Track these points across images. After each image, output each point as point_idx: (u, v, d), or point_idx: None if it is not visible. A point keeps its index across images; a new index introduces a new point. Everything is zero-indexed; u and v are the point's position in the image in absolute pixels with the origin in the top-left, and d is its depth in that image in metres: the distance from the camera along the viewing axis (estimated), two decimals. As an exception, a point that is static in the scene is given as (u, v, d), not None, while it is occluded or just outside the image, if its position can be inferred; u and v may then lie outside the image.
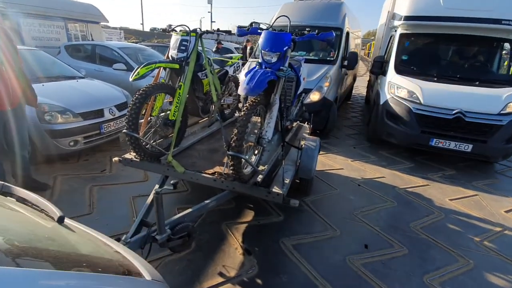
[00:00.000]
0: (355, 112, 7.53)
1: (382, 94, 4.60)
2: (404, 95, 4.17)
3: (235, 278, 2.03)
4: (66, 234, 0.69)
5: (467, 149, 3.83)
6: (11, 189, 0.88)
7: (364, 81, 12.75)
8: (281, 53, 2.15)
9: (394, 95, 4.28)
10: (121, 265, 0.71)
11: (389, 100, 4.34)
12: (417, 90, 4.07)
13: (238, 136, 1.87)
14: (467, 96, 3.92)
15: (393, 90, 4.33)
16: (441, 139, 3.92)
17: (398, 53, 4.75)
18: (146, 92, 2.18)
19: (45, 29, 8.07)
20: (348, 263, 2.24)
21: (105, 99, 4.02)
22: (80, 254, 0.67)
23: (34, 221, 0.69)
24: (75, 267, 0.58)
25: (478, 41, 4.55)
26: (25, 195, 0.84)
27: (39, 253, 0.55)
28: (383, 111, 4.39)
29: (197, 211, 2.08)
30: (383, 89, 4.61)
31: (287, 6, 6.34)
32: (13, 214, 0.70)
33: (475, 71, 4.63)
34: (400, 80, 4.36)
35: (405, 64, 4.70)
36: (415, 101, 4.03)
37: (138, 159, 2.43)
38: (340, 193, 3.32)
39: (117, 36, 12.79)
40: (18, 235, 0.62)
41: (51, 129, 3.32)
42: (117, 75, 5.78)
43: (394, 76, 4.50)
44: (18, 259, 0.55)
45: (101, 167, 3.66)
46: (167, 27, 2.72)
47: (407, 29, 4.84)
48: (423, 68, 4.64)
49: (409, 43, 4.91)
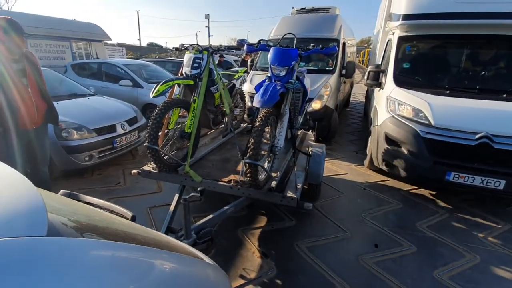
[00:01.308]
0: (354, 118, 7.73)
1: (379, 112, 3.72)
2: (408, 114, 3.27)
3: (256, 280, 2.13)
4: (141, 227, 0.83)
5: (499, 186, 2.86)
6: (78, 196, 1.01)
7: (361, 88, 13.06)
8: (289, 67, 2.33)
9: (395, 114, 3.39)
10: (189, 251, 0.85)
11: (388, 120, 3.44)
12: (424, 107, 3.16)
13: (255, 145, 2.02)
14: (494, 114, 2.97)
15: (394, 108, 3.45)
16: (462, 172, 2.93)
17: (397, 60, 3.90)
18: (165, 107, 2.35)
19: (51, 49, 8.34)
20: (361, 262, 2.36)
21: (117, 114, 4.19)
22: (158, 239, 0.80)
23: (112, 216, 0.83)
24: (157, 247, 0.72)
25: (500, 41, 3.54)
26: (93, 200, 0.97)
27: (125, 235, 0.68)
28: (382, 134, 3.49)
29: (217, 217, 2.21)
30: (380, 106, 3.75)
31: (285, 20, 6.62)
32: (92, 209, 0.83)
33: (499, 80, 3.57)
34: (402, 95, 3.47)
35: (407, 74, 3.86)
36: (423, 122, 3.11)
37: (157, 171, 2.56)
38: (347, 197, 3.45)
39: (119, 53, 13.12)
40: (100, 221, 0.75)
41: (68, 145, 3.47)
42: (123, 91, 5.99)
43: (393, 90, 3.62)
44: (105, 238, 0.68)
45: (115, 180, 3.78)
46: (180, 46, 2.91)
47: (407, 31, 3.93)
48: (430, 79, 3.76)
49: (411, 48, 4.05)
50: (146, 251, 0.66)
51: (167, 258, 0.71)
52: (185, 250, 0.84)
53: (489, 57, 3.75)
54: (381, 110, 3.71)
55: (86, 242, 0.56)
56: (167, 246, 0.77)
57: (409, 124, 3.21)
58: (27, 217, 0.49)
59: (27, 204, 0.52)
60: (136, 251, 0.63)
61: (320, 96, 5.01)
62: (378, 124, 3.67)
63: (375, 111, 4.04)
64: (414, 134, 3.14)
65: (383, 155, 3.52)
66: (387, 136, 3.44)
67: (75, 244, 0.53)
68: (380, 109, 3.74)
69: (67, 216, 0.65)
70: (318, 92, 5.00)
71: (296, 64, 2.40)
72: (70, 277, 0.46)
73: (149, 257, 0.66)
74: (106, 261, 0.56)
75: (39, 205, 0.51)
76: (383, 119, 3.54)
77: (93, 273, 0.51)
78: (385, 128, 3.46)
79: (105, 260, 0.56)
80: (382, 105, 3.69)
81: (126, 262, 0.59)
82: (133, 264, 0.61)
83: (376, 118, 3.81)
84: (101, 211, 0.84)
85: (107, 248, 0.58)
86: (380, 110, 3.76)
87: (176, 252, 0.77)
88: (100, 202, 0.96)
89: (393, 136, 3.35)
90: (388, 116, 3.48)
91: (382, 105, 3.69)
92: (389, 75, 3.88)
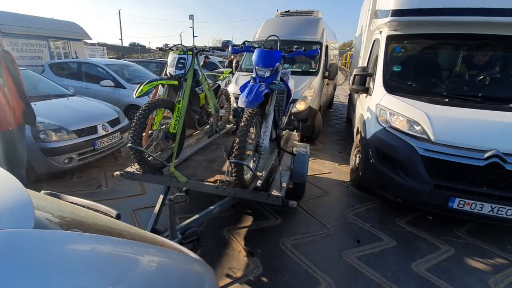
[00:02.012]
0: (337, 119, 7.93)
1: (368, 123, 3.20)
2: (402, 126, 2.78)
3: (242, 278, 2.15)
4: (126, 225, 0.83)
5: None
6: (60, 196, 1.00)
7: (343, 90, 13.42)
8: (273, 69, 2.38)
9: (388, 126, 2.90)
10: (173, 246, 0.86)
11: (380, 133, 2.93)
12: (422, 118, 2.69)
13: (240, 144, 2.05)
14: (505, 128, 2.52)
15: (385, 118, 2.96)
16: (468, 198, 2.46)
17: (387, 63, 3.40)
18: (149, 107, 2.33)
19: (28, 48, 7.99)
20: (344, 257, 2.44)
21: (98, 115, 4.08)
22: (143, 235, 0.81)
23: (97, 214, 0.82)
24: (142, 242, 0.73)
25: (505, 42, 3.08)
26: (75, 200, 0.96)
27: (111, 231, 0.69)
28: (373, 150, 2.98)
29: (203, 217, 2.21)
30: (369, 116, 3.25)
31: (270, 22, 6.71)
32: (77, 207, 0.83)
33: (506, 86, 3.13)
34: (394, 103, 2.98)
35: (399, 79, 3.34)
36: (421, 137, 2.64)
37: (141, 172, 2.53)
38: (330, 195, 3.54)
39: (100, 53, 12.75)
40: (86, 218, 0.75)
41: (46, 147, 3.35)
42: (104, 91, 5.83)
43: (384, 97, 3.12)
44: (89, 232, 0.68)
45: (97, 183, 3.68)
46: (164, 46, 2.90)
47: (397, 29, 3.45)
48: (426, 84, 3.24)
49: (401, 49, 3.58)
50: (132, 245, 0.67)
51: (154, 252, 0.73)
52: (171, 246, 0.86)
53: (492, 60, 3.24)
54: (370, 120, 3.19)
55: (73, 235, 0.57)
56: (153, 241, 0.79)
57: (405, 139, 2.72)
58: (14, 210, 0.49)
59: (14, 199, 0.52)
60: (122, 244, 0.64)
61: (304, 97, 5.11)
62: (367, 136, 3.10)
63: (363, 121, 3.40)
64: (410, 151, 2.64)
65: (374, 175, 3.00)
66: (379, 152, 2.91)
67: (62, 236, 0.53)
68: (369, 119, 3.21)
69: (52, 212, 0.65)
70: (302, 93, 5.10)
71: (280, 66, 2.46)
72: (58, 268, 0.47)
73: (136, 251, 0.67)
74: (93, 254, 0.57)
75: (25, 200, 0.52)
76: (373, 132, 3.02)
77: (80, 265, 0.52)
78: (377, 143, 2.93)
79: (92, 253, 0.57)
80: (371, 115, 3.19)
81: (113, 255, 0.60)
82: (120, 257, 0.62)
83: (364, 129, 3.24)
84: (85, 209, 0.84)
85: (94, 241, 0.59)
86: (369, 120, 3.21)
87: (162, 247, 0.78)
88: (83, 201, 0.96)
89: (386, 152, 2.84)
90: (379, 128, 2.97)
91: (371, 115, 3.19)
92: (378, 80, 3.36)
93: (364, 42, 5.14)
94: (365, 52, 4.93)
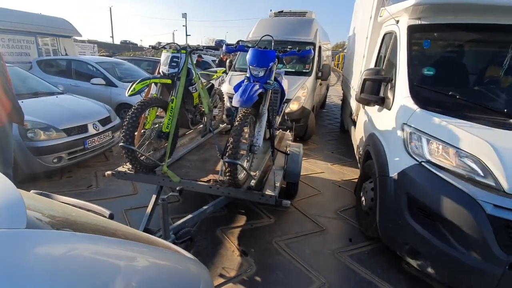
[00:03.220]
0: (330, 119, 8.01)
1: (390, 151, 2.25)
2: (451, 163, 1.84)
3: (235, 278, 2.15)
4: (120, 224, 0.82)
5: None
6: (51, 196, 0.98)
7: (336, 90, 13.54)
8: (267, 68, 2.39)
9: (424, 161, 1.95)
10: (168, 246, 0.85)
11: (412, 171, 1.98)
12: (484, 152, 1.73)
13: (234, 144, 2.05)
14: None
15: (419, 147, 2.00)
16: None
17: (412, 64, 2.41)
18: (142, 106, 2.30)
19: (15, 44, 7.77)
20: (336, 256, 2.46)
21: (88, 114, 4.01)
22: (138, 235, 0.80)
23: (89, 213, 0.81)
24: (136, 241, 0.72)
25: None
26: (66, 200, 0.94)
27: (105, 230, 0.68)
28: (401, 196, 2.00)
29: (197, 217, 2.20)
30: (390, 140, 2.30)
31: (263, 22, 6.72)
32: (69, 207, 0.81)
33: None
34: (433, 124, 2.01)
35: (434, 86, 2.34)
36: (485, 183, 1.69)
37: (133, 171, 2.50)
38: (323, 194, 3.58)
39: (90, 50, 12.49)
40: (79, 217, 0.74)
41: (34, 146, 3.26)
42: (95, 90, 5.73)
43: (415, 114, 2.14)
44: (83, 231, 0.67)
45: (87, 183, 3.61)
46: (157, 44, 2.87)
47: (422, 17, 2.49)
48: (479, 95, 2.34)
49: (431, 44, 2.53)
50: (127, 245, 0.66)
51: (148, 252, 0.72)
52: (166, 245, 0.85)
53: None
54: (393, 148, 2.21)
55: (66, 235, 0.56)
56: (147, 241, 0.78)
57: (458, 184, 1.74)
58: (6, 210, 0.48)
59: (6, 198, 0.51)
60: (116, 244, 0.63)
61: (298, 98, 5.14)
62: (391, 174, 2.09)
63: (379, 146, 2.40)
64: (470, 207, 1.66)
65: (403, 235, 1.99)
66: (411, 201, 1.92)
67: (55, 236, 0.52)
68: (391, 145, 2.25)
69: (44, 212, 0.64)
70: (295, 94, 5.13)
71: (274, 65, 2.47)
72: (50, 268, 0.46)
73: (130, 250, 0.66)
74: (86, 253, 0.56)
75: (17, 199, 0.50)
76: (401, 167, 2.02)
77: (74, 265, 0.51)
78: (407, 185, 1.95)
79: (86, 252, 0.56)
80: (394, 139, 2.22)
81: (107, 255, 0.60)
82: (114, 256, 0.61)
83: (383, 160, 2.23)
84: (77, 209, 0.82)
85: (87, 241, 0.58)
86: (390, 147, 2.25)
87: (157, 246, 0.77)
88: (74, 201, 0.94)
89: (425, 204, 1.84)
90: (410, 162, 1.98)
91: (394, 139, 2.22)
92: (401, 88, 2.35)
93: (369, 38, 3.93)
94: (369, 50, 3.88)
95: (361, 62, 4.12)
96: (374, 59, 3.48)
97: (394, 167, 2.13)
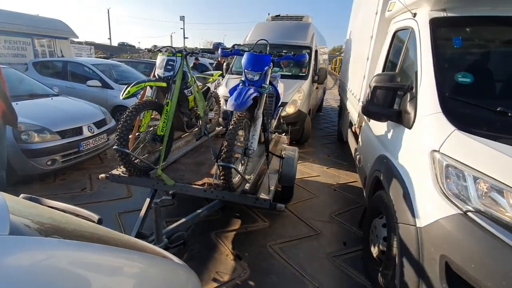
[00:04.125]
0: (326, 123, 8.04)
1: (414, 189, 1.60)
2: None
3: (229, 282, 2.14)
4: (108, 230, 0.81)
5: None
6: (40, 200, 0.97)
7: (333, 94, 13.62)
8: (262, 72, 2.40)
9: (473, 211, 1.29)
10: (156, 252, 0.84)
11: (451, 225, 1.32)
12: None
13: (228, 147, 2.05)
14: None
15: (465, 192, 1.35)
16: None
17: (442, 69, 1.82)
18: (137, 109, 2.30)
19: (11, 45, 7.72)
20: (330, 260, 2.46)
21: (83, 116, 3.99)
22: (125, 240, 0.79)
23: (77, 219, 0.80)
24: (124, 247, 0.71)
25: None
26: (56, 204, 0.94)
27: (91, 236, 0.67)
28: (436, 262, 1.33)
29: (190, 220, 2.19)
30: (414, 173, 1.68)
31: (260, 25, 6.76)
32: (57, 212, 0.80)
33: None
34: (483, 155, 1.38)
35: (474, 98, 1.72)
36: None
37: (127, 175, 2.49)
38: (318, 198, 3.58)
39: (87, 52, 12.45)
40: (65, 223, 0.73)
41: (28, 149, 3.24)
42: (91, 92, 5.71)
43: (451, 138, 1.50)
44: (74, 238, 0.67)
45: (81, 185, 3.58)
46: (153, 47, 2.87)
47: (447, 8, 1.99)
48: None
49: (463, 41, 1.93)
50: (113, 251, 0.66)
51: (135, 258, 0.71)
52: (154, 251, 0.84)
53: None
54: (417, 183, 1.60)
55: (52, 242, 0.55)
56: (135, 247, 0.77)
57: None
58: None
59: None
60: (102, 250, 0.63)
61: (294, 101, 5.16)
62: (416, 223, 1.50)
63: (395, 176, 1.79)
64: None
65: None
66: (451, 269, 1.32)
67: (40, 243, 0.52)
68: (415, 180, 1.63)
69: (31, 218, 0.63)
70: (291, 97, 5.15)
71: (269, 69, 2.48)
72: (33, 275, 0.46)
73: (116, 257, 0.66)
74: (72, 261, 0.55)
75: (0, 204, 0.50)
76: (435, 217, 1.41)
77: (59, 273, 0.50)
78: (445, 246, 1.34)
79: (72, 260, 0.55)
80: (420, 172, 1.61)
81: (92, 262, 0.59)
82: (99, 265, 0.60)
83: (407, 203, 1.60)
84: (66, 214, 0.82)
85: (74, 248, 0.57)
86: (415, 182, 1.63)
87: (145, 252, 0.77)
88: (63, 205, 0.93)
89: (476, 278, 1.21)
90: (449, 211, 1.37)
91: (420, 172, 1.61)
92: (427, 99, 1.75)
93: (374, 37, 3.26)
94: (375, 51, 3.20)
95: (364, 65, 3.57)
96: (381, 62, 2.84)
97: (423, 214, 1.45)
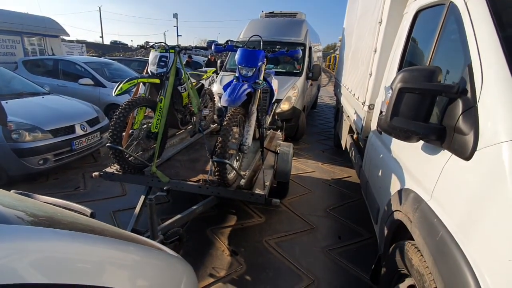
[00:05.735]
0: (321, 119, 8.08)
1: (483, 271, 0.78)
2: None
3: (225, 277, 2.15)
4: (100, 223, 0.81)
5: None
6: (31, 196, 0.96)
7: (327, 91, 13.66)
8: (256, 68, 2.39)
9: None
10: (150, 244, 0.84)
11: None
12: None
13: (223, 143, 2.04)
14: None
15: None
16: None
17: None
18: (130, 106, 2.27)
19: (0, 43, 7.56)
20: (326, 253, 2.48)
21: (76, 115, 3.94)
22: (116, 232, 0.79)
23: (69, 212, 0.79)
24: (114, 238, 0.71)
25: None
26: (47, 199, 0.93)
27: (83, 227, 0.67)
28: None
29: (186, 217, 2.19)
30: (482, 241, 0.82)
31: (254, 22, 6.74)
32: (48, 205, 0.79)
33: None
34: None
35: None
36: None
37: (121, 172, 2.46)
38: (314, 193, 3.60)
39: (79, 50, 12.25)
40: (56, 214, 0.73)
41: (19, 148, 3.18)
42: (83, 90, 5.63)
43: None
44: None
45: (74, 184, 3.54)
46: (145, 43, 2.84)
47: None
48: None
49: None
50: (106, 241, 0.65)
51: (130, 249, 0.71)
52: (148, 243, 0.84)
53: None
54: (492, 263, 0.80)
55: (40, 230, 0.55)
56: (127, 238, 0.77)
57: None
58: None
59: None
60: (94, 240, 0.62)
61: (288, 98, 5.17)
62: None
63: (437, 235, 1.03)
64: None
65: None
66: None
67: (28, 231, 0.51)
68: (482, 252, 0.84)
69: (21, 210, 0.62)
70: (286, 94, 5.15)
71: (262, 65, 2.48)
72: (24, 265, 0.45)
73: (110, 247, 0.65)
74: (60, 249, 0.55)
75: None
76: None
77: (51, 262, 0.50)
78: None
79: (65, 249, 0.55)
80: (495, 242, 0.81)
81: (83, 251, 0.59)
82: (90, 254, 0.60)
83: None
84: (59, 208, 0.81)
85: (66, 237, 0.57)
86: (483, 258, 0.82)
87: (138, 244, 0.77)
88: (55, 200, 0.92)
89: None
90: None
91: (495, 242, 0.81)
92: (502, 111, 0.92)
93: (384, 22, 2.53)
94: (386, 40, 2.49)
95: (369, 59, 2.81)
96: (398, 54, 2.03)
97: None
